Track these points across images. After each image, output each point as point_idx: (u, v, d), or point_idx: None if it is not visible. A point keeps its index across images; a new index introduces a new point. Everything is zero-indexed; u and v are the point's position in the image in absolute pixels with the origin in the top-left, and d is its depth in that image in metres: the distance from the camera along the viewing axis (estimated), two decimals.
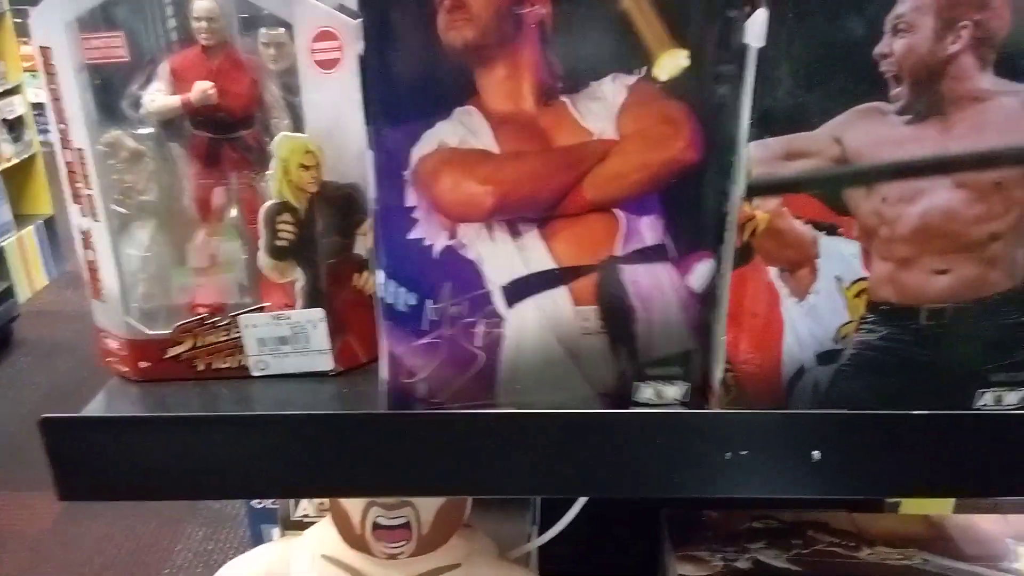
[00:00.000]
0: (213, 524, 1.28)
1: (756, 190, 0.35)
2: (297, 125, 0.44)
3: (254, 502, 0.70)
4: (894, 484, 0.42)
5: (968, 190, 0.35)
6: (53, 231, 2.91)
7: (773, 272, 0.37)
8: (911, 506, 0.80)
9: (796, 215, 0.35)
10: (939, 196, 0.35)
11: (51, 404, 0.47)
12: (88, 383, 0.48)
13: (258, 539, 0.71)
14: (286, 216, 0.44)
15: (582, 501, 0.63)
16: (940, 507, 0.86)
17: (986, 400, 0.39)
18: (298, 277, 0.46)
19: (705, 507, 0.61)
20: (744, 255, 0.37)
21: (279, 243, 0.45)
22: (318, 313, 0.46)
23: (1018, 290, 0.37)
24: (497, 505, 0.68)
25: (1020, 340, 0.38)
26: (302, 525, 0.63)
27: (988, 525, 0.58)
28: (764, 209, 0.35)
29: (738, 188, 0.35)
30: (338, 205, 0.45)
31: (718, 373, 0.40)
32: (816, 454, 0.42)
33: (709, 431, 0.41)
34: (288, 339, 0.46)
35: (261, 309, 0.46)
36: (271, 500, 0.70)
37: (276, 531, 0.68)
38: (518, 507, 0.69)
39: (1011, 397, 0.39)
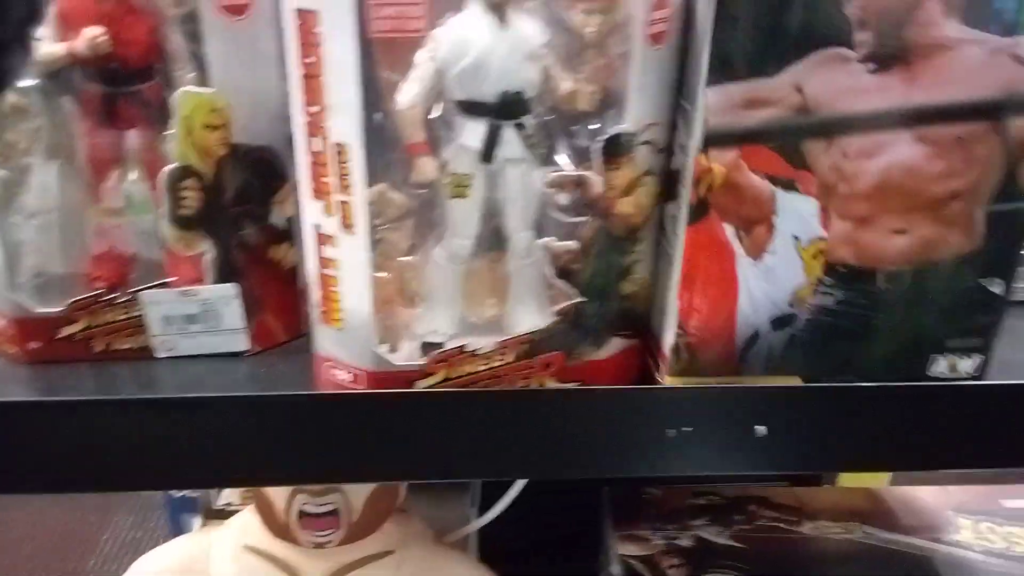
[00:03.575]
0: (141, 512, 1.23)
1: (713, 141, 0.32)
2: (204, 79, 0.40)
3: (173, 491, 0.66)
4: (841, 458, 0.41)
5: (929, 145, 0.33)
6: None
7: (729, 230, 0.35)
8: (848, 479, 0.81)
9: (754, 169, 0.33)
10: (900, 151, 0.33)
11: None
12: None
13: (179, 530, 0.67)
14: (190, 182, 0.40)
15: (521, 483, 0.61)
16: (876, 479, 0.87)
17: (940, 367, 0.38)
18: (206, 249, 0.41)
19: (647, 485, 0.60)
20: (699, 211, 0.34)
21: (183, 211, 0.40)
22: (230, 289, 0.42)
23: (976, 252, 0.36)
24: (436, 489, 0.66)
25: (976, 305, 0.37)
26: (225, 514, 0.59)
27: (929, 497, 0.58)
28: (721, 162, 0.33)
29: (695, 139, 0.33)
30: (251, 170, 0.41)
31: (669, 339, 0.37)
32: (761, 429, 0.41)
33: (651, 408, 0.40)
34: (197, 317, 0.42)
35: (165, 285, 0.42)
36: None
37: (198, 521, 0.64)
38: (457, 490, 0.67)
39: (965, 364, 0.38)
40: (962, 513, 0.56)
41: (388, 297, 0.35)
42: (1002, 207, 0.35)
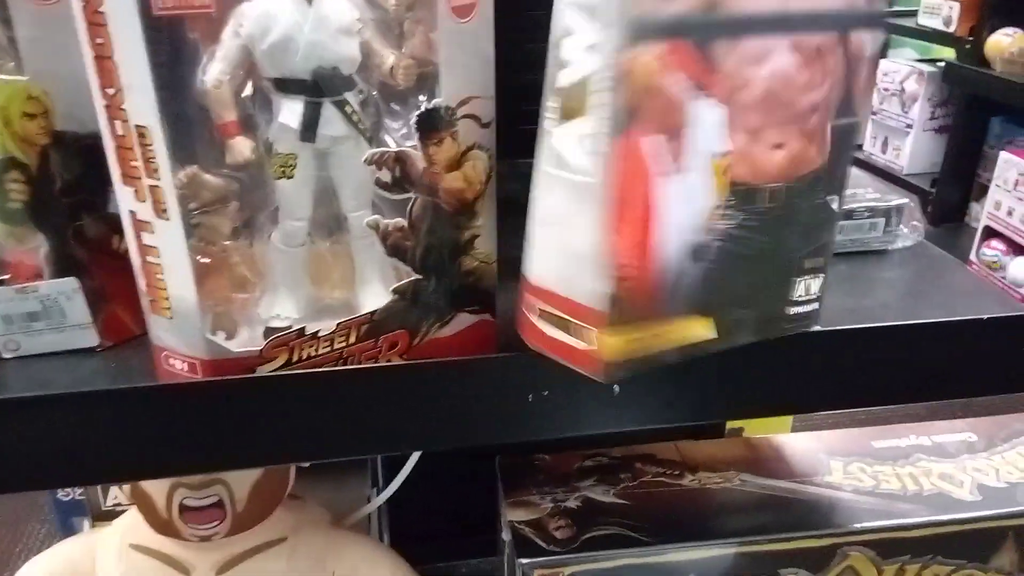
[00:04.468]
0: (54, 520, 1.19)
1: (636, 35, 0.29)
2: (19, 67, 0.38)
3: (60, 494, 0.64)
4: (695, 409, 0.43)
5: (800, 54, 0.32)
6: None
7: (649, 144, 0.31)
8: (754, 428, 0.84)
9: (671, 69, 0.30)
10: (781, 58, 0.32)
11: None
12: None
13: (69, 532, 0.65)
14: (14, 174, 0.38)
15: (415, 459, 0.62)
16: (780, 426, 0.91)
17: (799, 291, 0.37)
18: (40, 243, 0.40)
19: (538, 451, 0.61)
20: (618, 125, 0.30)
21: (11, 205, 0.39)
22: (71, 283, 0.41)
23: (824, 169, 0.35)
24: (333, 471, 0.65)
25: (822, 223, 0.36)
26: (114, 515, 0.58)
27: (803, 443, 0.60)
28: (640, 62, 0.29)
29: (611, 38, 0.29)
30: (80, 158, 0.40)
31: (601, 287, 0.32)
32: (616, 388, 0.42)
33: (510, 373, 0.40)
34: (39, 314, 0.41)
35: (2, 283, 0.40)
36: (79, 491, 0.64)
37: (87, 524, 0.62)
38: (356, 471, 0.67)
39: (814, 286, 0.38)
40: (834, 456, 0.59)
41: (216, 283, 0.34)
42: (840, 122, 0.35)
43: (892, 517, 0.53)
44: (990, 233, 1.58)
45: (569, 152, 0.31)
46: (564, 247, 0.32)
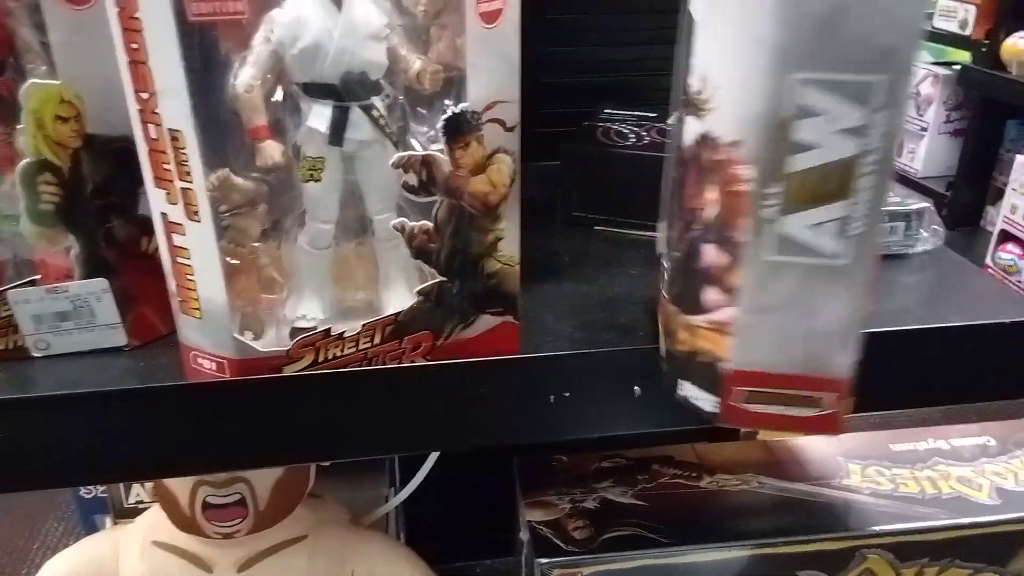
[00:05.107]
0: (72, 519, 1.20)
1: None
2: (53, 71, 0.39)
3: (82, 492, 0.65)
4: None
5: None
6: None
7: None
8: (769, 432, 0.84)
9: None
10: None
11: None
12: None
13: (91, 529, 0.66)
14: (47, 176, 0.39)
15: (432, 461, 0.62)
16: None
17: None
18: (71, 244, 0.41)
19: (556, 452, 0.61)
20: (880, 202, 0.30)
21: (43, 207, 0.40)
22: (100, 283, 0.41)
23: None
24: (352, 472, 0.66)
25: None
26: (135, 513, 0.58)
27: (820, 445, 0.60)
28: None
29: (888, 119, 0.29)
30: (111, 161, 0.40)
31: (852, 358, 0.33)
32: (637, 390, 0.42)
33: (532, 375, 0.40)
34: (69, 314, 0.42)
35: (33, 283, 0.41)
36: (101, 489, 0.65)
37: (109, 520, 0.63)
38: (373, 471, 0.67)
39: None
40: (852, 459, 0.59)
41: (244, 284, 0.35)
42: None
43: (910, 520, 0.53)
44: (1006, 236, 1.57)
45: (809, 237, 0.30)
46: (797, 328, 0.32)
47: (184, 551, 0.54)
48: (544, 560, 0.51)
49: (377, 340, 0.37)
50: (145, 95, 0.31)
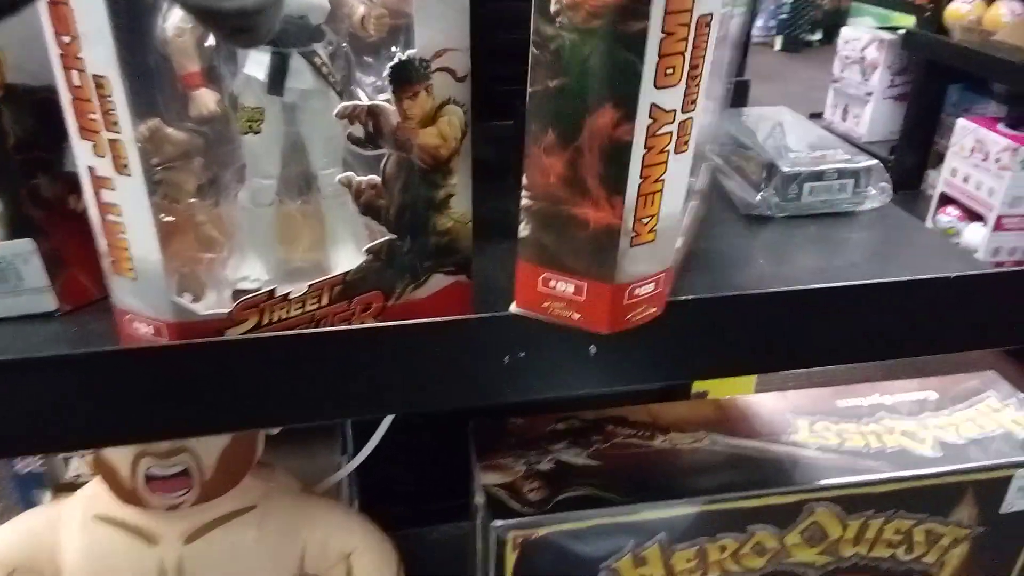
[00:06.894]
0: (11, 496, 1.16)
1: None
2: None
3: (19, 466, 0.63)
4: (667, 369, 0.43)
5: None
6: None
7: None
8: (719, 390, 0.85)
9: None
10: None
11: None
12: None
13: (29, 506, 0.64)
14: None
15: (386, 424, 0.61)
16: (744, 387, 0.92)
17: None
18: None
19: (511, 415, 0.61)
20: None
21: None
22: (27, 244, 0.39)
23: None
24: (302, 438, 0.65)
25: None
26: (75, 487, 0.56)
27: (770, 402, 0.61)
28: None
29: None
30: (34, 113, 0.38)
31: None
32: (592, 349, 0.41)
33: (486, 335, 0.40)
34: None
35: None
36: (38, 463, 0.62)
37: (48, 496, 0.61)
38: (325, 438, 0.66)
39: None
40: (800, 415, 0.60)
41: (181, 243, 0.33)
42: None
43: (856, 473, 0.55)
44: (946, 200, 1.61)
45: None
46: None
47: (127, 524, 0.52)
48: (499, 523, 0.50)
49: (325, 301, 0.35)
50: (67, 39, 0.29)
